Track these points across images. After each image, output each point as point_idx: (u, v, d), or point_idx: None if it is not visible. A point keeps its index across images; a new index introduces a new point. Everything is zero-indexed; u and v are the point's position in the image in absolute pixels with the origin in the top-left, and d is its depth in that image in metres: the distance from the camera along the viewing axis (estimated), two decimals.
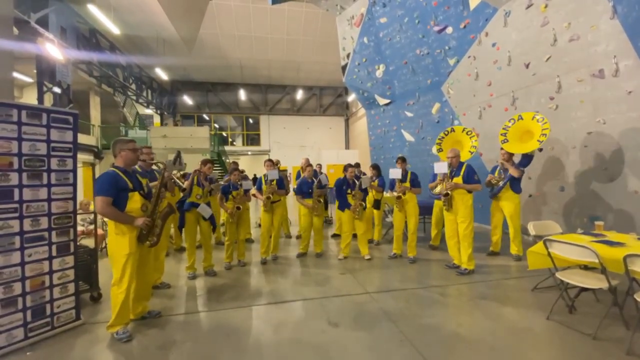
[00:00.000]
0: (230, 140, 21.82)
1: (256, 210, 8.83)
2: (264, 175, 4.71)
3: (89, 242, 3.81)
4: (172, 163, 3.14)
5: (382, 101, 9.04)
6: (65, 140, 2.70)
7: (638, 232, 3.16)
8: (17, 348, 2.36)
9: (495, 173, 4.57)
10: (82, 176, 9.76)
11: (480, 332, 2.55)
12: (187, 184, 3.91)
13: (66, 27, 9.02)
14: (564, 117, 4.80)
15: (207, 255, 4.09)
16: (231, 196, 4.27)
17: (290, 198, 8.54)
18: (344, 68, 9.73)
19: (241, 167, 6.51)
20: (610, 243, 2.62)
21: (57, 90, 8.81)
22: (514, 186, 4.39)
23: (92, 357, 2.34)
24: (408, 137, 8.46)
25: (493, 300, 3.18)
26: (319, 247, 4.88)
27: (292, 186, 6.15)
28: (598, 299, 3.04)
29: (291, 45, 15.50)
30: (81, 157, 2.62)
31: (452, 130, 5.37)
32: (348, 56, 9.47)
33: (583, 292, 2.89)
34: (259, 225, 5.26)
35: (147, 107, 17.77)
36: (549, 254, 2.66)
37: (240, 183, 4.38)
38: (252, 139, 21.58)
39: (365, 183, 4.71)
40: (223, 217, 5.68)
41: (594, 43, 4.32)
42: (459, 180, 3.83)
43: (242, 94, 19.68)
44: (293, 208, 8.79)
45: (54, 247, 2.61)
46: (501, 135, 4.76)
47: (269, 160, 5.12)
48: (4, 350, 2.30)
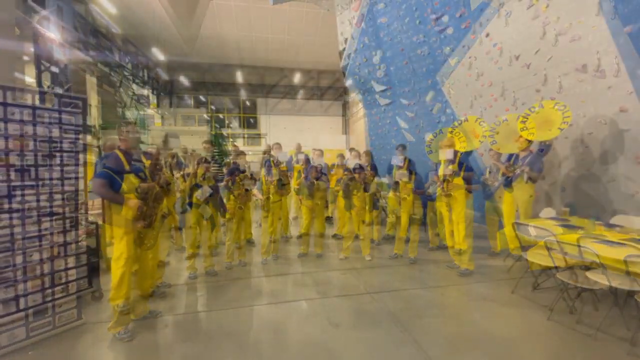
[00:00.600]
0: (227, 122, 21.85)
1: (256, 210, 8.83)
2: (271, 159, 4.45)
3: (90, 242, 3.81)
4: (162, 144, 3.18)
5: (383, 101, 9.04)
6: (76, 123, 2.82)
7: (638, 233, 3.18)
8: (19, 347, 2.37)
9: (486, 173, 4.56)
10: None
11: (481, 333, 2.55)
12: (191, 170, 3.89)
13: (62, 6, 9.06)
14: None
15: (208, 255, 4.10)
16: (232, 196, 4.27)
17: (290, 198, 8.51)
18: (341, 53, 9.81)
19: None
20: (570, 227, 3.18)
21: (55, 69, 8.80)
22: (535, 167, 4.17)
23: (94, 357, 2.35)
24: (408, 138, 8.46)
25: (493, 300, 3.18)
26: (319, 248, 4.88)
27: (293, 186, 6.11)
28: (598, 299, 3.03)
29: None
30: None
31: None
32: (345, 41, 9.51)
33: (583, 292, 2.89)
34: (260, 225, 5.23)
35: (143, 87, 17.58)
36: (517, 236, 3.29)
37: (248, 165, 4.32)
38: (250, 123, 21.63)
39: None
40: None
41: (595, 43, 4.32)
42: (459, 180, 3.86)
43: (240, 77, 19.53)
44: (294, 208, 8.77)
45: (58, 247, 2.65)
46: (520, 123, 4.51)
47: (277, 143, 4.92)
48: (6, 349, 2.31)
